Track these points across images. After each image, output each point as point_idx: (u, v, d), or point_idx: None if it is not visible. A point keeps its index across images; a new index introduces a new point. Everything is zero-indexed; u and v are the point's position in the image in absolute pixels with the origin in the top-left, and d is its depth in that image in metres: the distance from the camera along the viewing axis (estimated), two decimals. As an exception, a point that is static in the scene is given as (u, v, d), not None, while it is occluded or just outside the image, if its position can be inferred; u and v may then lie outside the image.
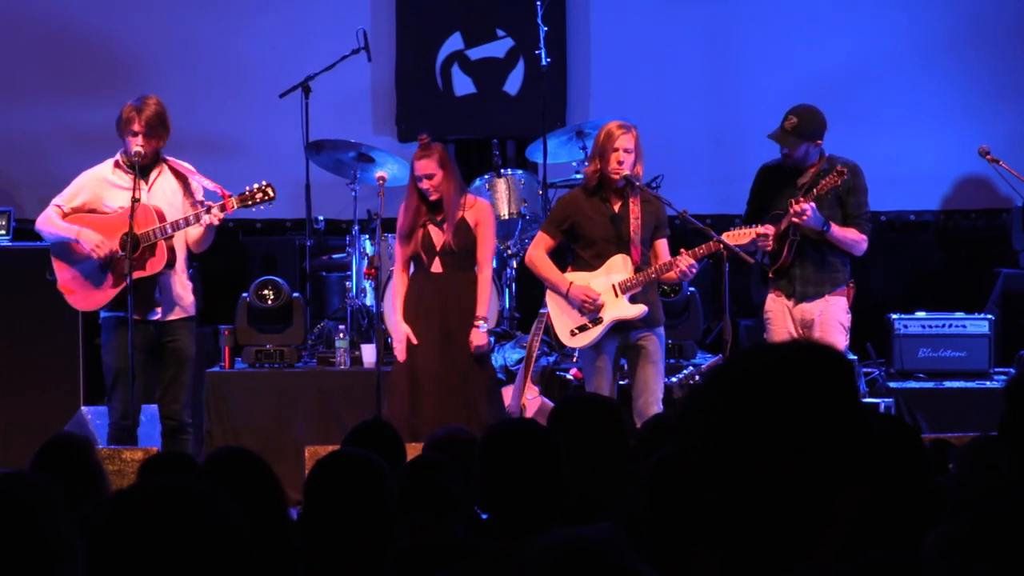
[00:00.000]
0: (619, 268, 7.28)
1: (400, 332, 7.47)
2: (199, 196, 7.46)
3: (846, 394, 1.78)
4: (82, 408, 8.69)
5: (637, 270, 7.25)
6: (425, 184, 7.41)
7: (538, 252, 7.42)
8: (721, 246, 7.16)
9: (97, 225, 7.35)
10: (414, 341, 7.42)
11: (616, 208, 7.29)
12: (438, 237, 7.46)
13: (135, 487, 2.42)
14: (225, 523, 2.31)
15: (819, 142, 7.47)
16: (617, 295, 7.24)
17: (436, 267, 7.47)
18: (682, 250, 7.22)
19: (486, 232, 7.51)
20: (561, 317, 7.38)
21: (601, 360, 7.31)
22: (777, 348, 1.84)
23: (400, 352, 7.46)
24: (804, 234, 7.41)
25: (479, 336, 7.42)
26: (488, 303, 7.51)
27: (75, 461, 4.21)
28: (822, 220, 7.34)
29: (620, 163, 7.17)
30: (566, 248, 7.51)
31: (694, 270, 7.20)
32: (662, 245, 7.36)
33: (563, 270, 7.44)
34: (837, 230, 7.41)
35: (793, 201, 7.32)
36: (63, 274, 7.43)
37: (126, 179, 7.32)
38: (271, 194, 7.39)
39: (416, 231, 7.48)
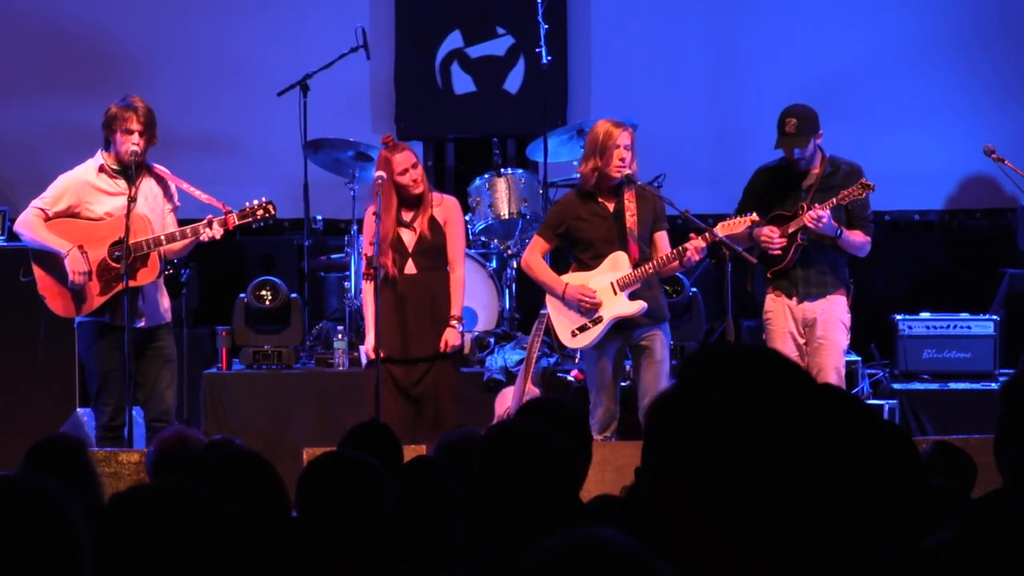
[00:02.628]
0: (618, 265, 7.21)
1: (369, 342, 7.37)
2: (177, 200, 7.43)
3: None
4: (78, 410, 8.66)
5: (636, 266, 7.19)
6: (412, 174, 7.32)
7: (533, 256, 7.37)
8: (715, 239, 7.07)
9: (84, 231, 7.27)
10: (381, 354, 7.31)
11: (611, 207, 7.24)
12: (409, 238, 7.37)
13: (132, 490, 2.41)
14: (223, 526, 2.30)
15: (820, 133, 7.40)
16: (616, 293, 7.18)
17: (410, 268, 7.38)
18: (692, 235, 7.12)
19: (456, 230, 7.46)
20: (561, 318, 7.31)
21: (603, 362, 7.26)
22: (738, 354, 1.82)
23: (371, 355, 7.35)
24: (812, 238, 7.36)
25: (455, 336, 7.37)
26: (462, 303, 7.45)
27: (67, 462, 4.18)
28: (835, 227, 7.29)
29: (622, 161, 7.12)
30: (567, 250, 7.45)
31: (701, 254, 7.08)
32: (662, 238, 7.29)
33: (566, 270, 7.38)
34: (848, 234, 7.36)
35: (805, 205, 7.26)
36: (45, 278, 7.37)
37: (112, 184, 7.26)
38: (272, 211, 7.36)
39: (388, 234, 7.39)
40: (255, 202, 7.33)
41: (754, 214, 7.19)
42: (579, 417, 4.65)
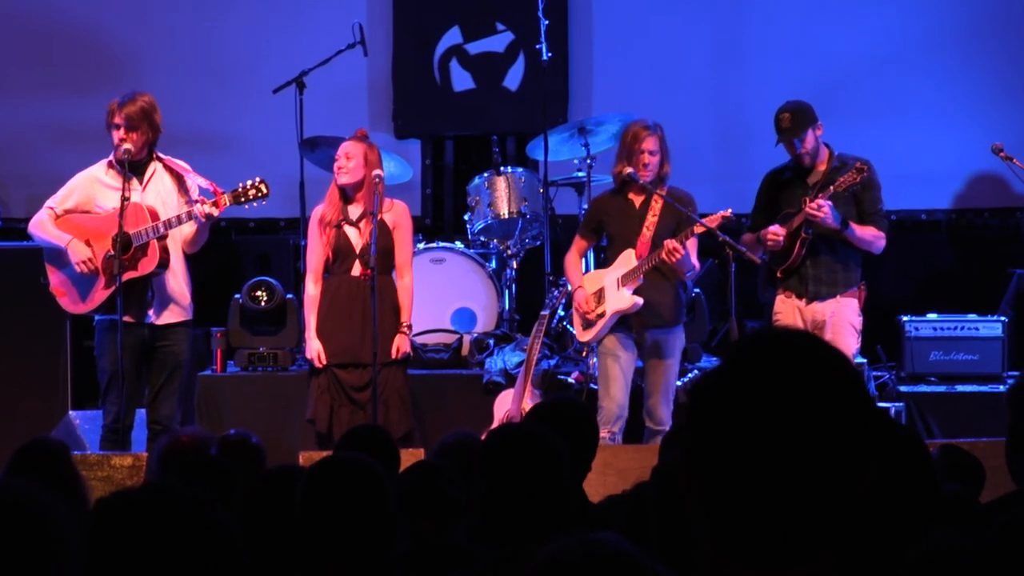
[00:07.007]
0: (624, 262, 7.36)
1: (312, 349, 7.35)
2: (195, 195, 7.38)
3: (862, 392, 1.73)
4: (70, 413, 8.63)
5: None
6: (339, 163, 7.37)
7: (570, 255, 7.66)
8: (704, 230, 7.14)
9: (89, 225, 7.27)
10: (324, 361, 7.31)
11: (637, 205, 7.41)
12: (356, 238, 7.36)
13: (117, 494, 2.37)
14: (213, 527, 2.26)
15: (819, 125, 7.39)
16: (619, 288, 7.33)
17: (356, 270, 7.34)
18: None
19: (405, 236, 7.44)
20: (576, 312, 7.58)
21: (611, 360, 7.38)
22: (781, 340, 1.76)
23: (316, 363, 7.35)
24: (819, 232, 7.29)
25: (407, 343, 7.39)
26: (411, 310, 7.42)
27: (50, 465, 4.13)
28: (840, 218, 7.21)
29: (646, 166, 7.29)
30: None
31: (677, 255, 7.10)
32: (687, 244, 7.28)
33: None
34: (857, 228, 7.28)
35: (808, 199, 7.20)
36: (55, 277, 7.39)
37: (118, 179, 7.27)
38: (264, 190, 7.28)
39: (330, 230, 7.36)
40: (248, 182, 7.30)
41: (729, 210, 7.20)
42: (586, 416, 4.75)
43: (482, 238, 9.02)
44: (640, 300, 7.27)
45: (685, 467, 1.73)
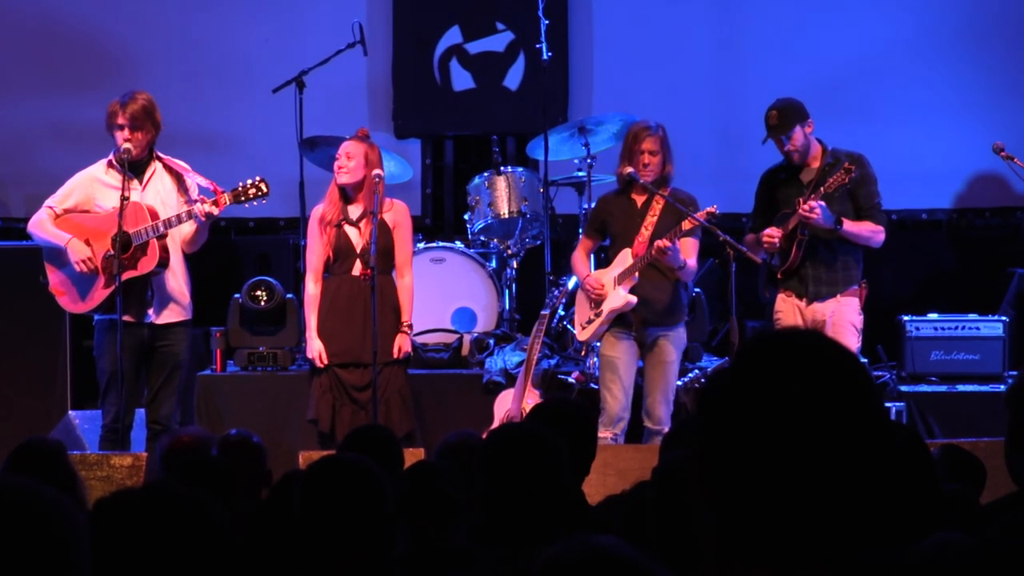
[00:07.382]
0: (621, 262, 7.42)
1: (313, 349, 7.36)
2: (194, 194, 7.37)
3: (868, 392, 1.73)
4: (69, 412, 8.60)
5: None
6: (339, 162, 7.39)
7: (577, 252, 7.69)
8: (691, 225, 7.17)
9: (89, 225, 7.27)
10: (325, 360, 7.32)
11: (639, 205, 7.45)
12: (356, 238, 7.37)
13: (117, 494, 2.37)
14: (211, 527, 2.26)
15: (810, 122, 7.37)
16: (615, 287, 7.39)
17: (356, 270, 7.36)
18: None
19: (405, 235, 7.45)
20: (578, 311, 7.66)
21: (612, 360, 7.41)
22: (788, 340, 1.76)
23: (318, 363, 7.36)
24: (815, 232, 7.26)
25: (408, 342, 7.40)
26: (411, 310, 7.43)
27: (46, 466, 4.12)
28: (833, 218, 7.21)
29: (646, 166, 7.32)
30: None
31: (669, 251, 7.14)
32: (686, 244, 7.32)
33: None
34: (850, 225, 7.27)
35: (801, 200, 7.19)
36: (54, 276, 7.39)
37: (118, 179, 7.25)
38: (264, 189, 7.27)
39: (330, 229, 7.38)
40: (248, 181, 7.30)
41: (714, 206, 7.21)
42: (587, 418, 4.77)
43: (482, 238, 9.01)
44: (634, 299, 7.30)
45: (693, 466, 1.73)
